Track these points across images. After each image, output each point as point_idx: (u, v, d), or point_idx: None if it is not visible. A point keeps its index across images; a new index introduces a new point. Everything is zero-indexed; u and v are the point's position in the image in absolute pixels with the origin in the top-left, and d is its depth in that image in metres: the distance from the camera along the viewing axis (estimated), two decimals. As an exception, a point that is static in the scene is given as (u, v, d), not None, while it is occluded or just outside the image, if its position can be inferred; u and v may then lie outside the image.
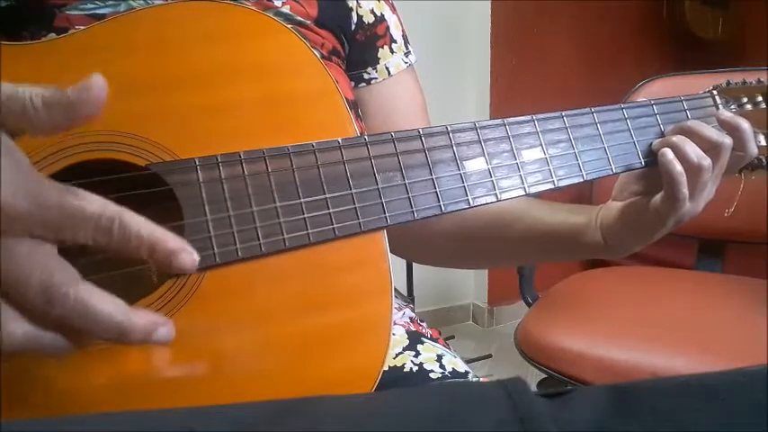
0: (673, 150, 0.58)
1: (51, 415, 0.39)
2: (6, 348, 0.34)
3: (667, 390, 0.31)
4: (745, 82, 0.67)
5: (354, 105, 0.68)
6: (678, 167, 0.57)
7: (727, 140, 0.59)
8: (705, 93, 0.66)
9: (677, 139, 0.59)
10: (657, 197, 0.60)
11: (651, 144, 0.61)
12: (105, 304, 0.35)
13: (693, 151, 0.57)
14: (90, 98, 0.36)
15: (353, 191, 0.48)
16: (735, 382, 0.30)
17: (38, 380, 0.40)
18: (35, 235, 0.34)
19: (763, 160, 0.64)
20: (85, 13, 0.54)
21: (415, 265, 2.01)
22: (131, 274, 0.44)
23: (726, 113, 0.62)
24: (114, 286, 0.40)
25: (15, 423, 0.31)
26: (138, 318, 0.36)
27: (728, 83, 0.67)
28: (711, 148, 0.58)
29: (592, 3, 2.48)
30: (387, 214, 0.49)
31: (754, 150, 0.62)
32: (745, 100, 0.66)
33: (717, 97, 0.66)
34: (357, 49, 0.69)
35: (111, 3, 0.55)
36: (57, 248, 0.35)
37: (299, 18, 0.62)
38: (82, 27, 0.47)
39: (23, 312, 0.35)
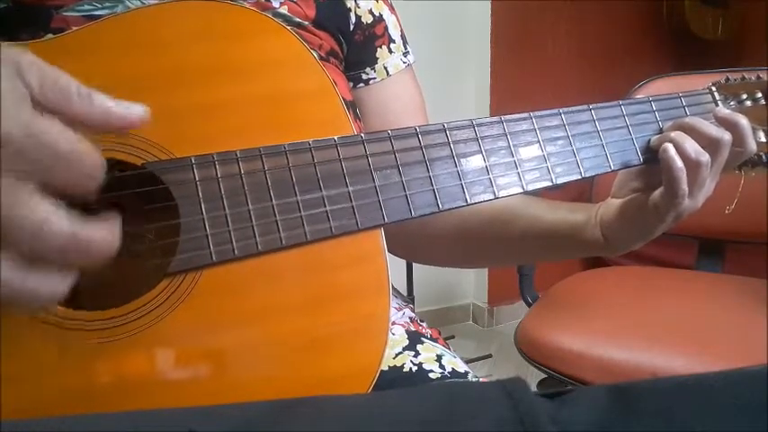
0: (666, 143, 0.58)
1: (51, 415, 0.39)
2: None
3: (667, 390, 0.31)
4: (744, 78, 0.67)
5: (352, 105, 0.67)
6: (678, 163, 0.57)
7: (726, 136, 0.59)
8: (704, 90, 0.66)
9: (675, 134, 0.59)
10: (657, 193, 0.60)
11: (649, 141, 0.60)
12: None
13: (692, 147, 0.57)
14: (128, 118, 0.37)
15: (350, 189, 0.48)
16: (734, 382, 0.30)
17: (39, 379, 0.40)
18: (17, 172, 0.32)
19: (763, 157, 0.64)
20: (83, 14, 0.54)
21: (415, 264, 2.01)
22: (126, 274, 0.44)
23: (723, 110, 0.62)
24: (109, 286, 0.40)
25: (15, 423, 0.31)
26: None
27: (727, 79, 0.66)
28: (710, 144, 0.58)
29: (592, 3, 2.48)
30: (384, 212, 0.48)
31: (752, 146, 0.61)
32: (744, 96, 0.66)
33: (716, 94, 0.65)
34: (355, 49, 0.69)
35: (108, 4, 0.55)
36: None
37: (296, 19, 0.62)
38: None
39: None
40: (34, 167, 0.32)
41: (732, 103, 0.65)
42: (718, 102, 0.65)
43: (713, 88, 0.66)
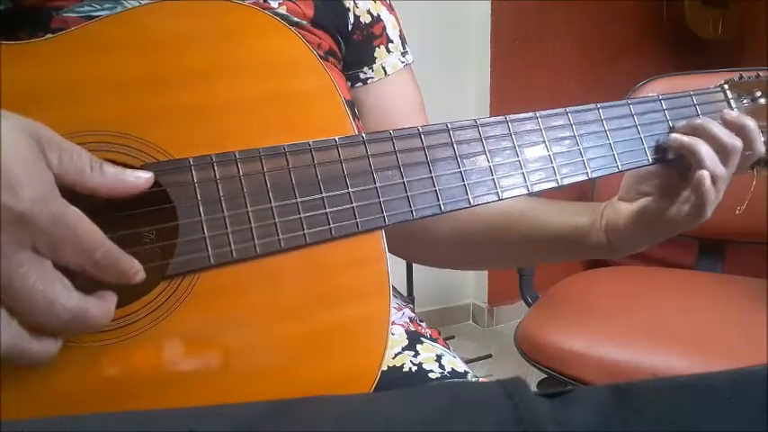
0: (688, 154, 0.58)
1: (51, 415, 0.39)
2: None
3: (667, 390, 0.31)
4: (759, 75, 0.65)
5: (351, 105, 0.67)
6: (713, 196, 0.57)
7: (738, 143, 0.58)
8: (716, 88, 0.64)
9: (691, 140, 0.58)
10: (676, 209, 0.59)
11: (659, 141, 0.59)
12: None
13: (710, 161, 0.57)
14: (138, 185, 0.41)
15: (351, 190, 0.48)
16: (735, 382, 0.30)
17: (38, 379, 0.40)
18: (36, 249, 0.36)
19: None
20: (82, 15, 0.54)
21: (415, 265, 2.00)
22: None
23: (731, 113, 0.61)
24: (108, 287, 0.40)
25: (15, 423, 0.31)
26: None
27: (741, 77, 0.65)
28: (722, 150, 0.58)
29: (592, 3, 2.48)
30: (385, 214, 0.48)
31: (761, 149, 0.61)
32: (758, 94, 0.64)
33: (728, 92, 0.64)
34: (353, 48, 0.69)
35: (107, 5, 0.55)
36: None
37: (295, 19, 0.61)
38: None
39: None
40: (56, 251, 0.37)
41: (745, 101, 0.64)
42: (731, 100, 0.64)
43: (726, 86, 0.65)
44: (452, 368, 0.61)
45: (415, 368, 0.60)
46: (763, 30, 2.46)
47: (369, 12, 0.69)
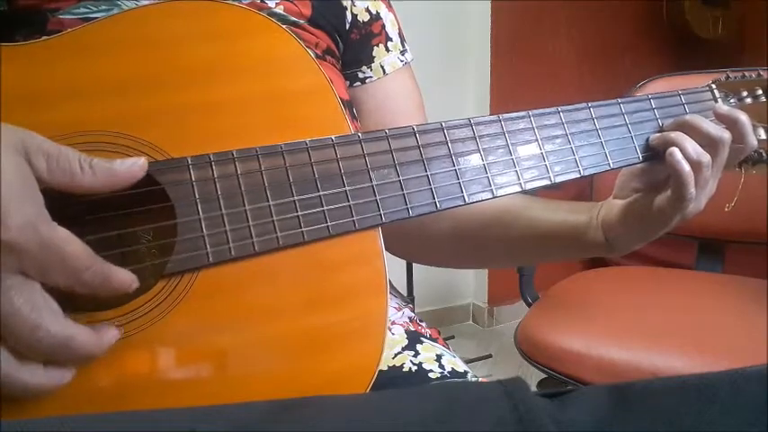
0: (671, 147, 0.58)
1: (50, 413, 0.39)
2: None
3: (667, 390, 0.31)
4: (744, 75, 0.67)
5: (349, 105, 0.67)
6: (686, 167, 0.56)
7: (726, 135, 0.58)
8: (704, 87, 0.65)
9: (675, 135, 0.58)
10: (662, 197, 0.59)
11: (648, 139, 0.60)
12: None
13: (692, 148, 0.57)
14: (132, 174, 0.41)
15: (347, 188, 0.48)
16: (735, 382, 0.30)
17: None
18: (25, 272, 0.36)
19: (764, 154, 0.64)
20: (78, 16, 0.54)
21: (415, 264, 2.00)
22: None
23: (723, 107, 0.62)
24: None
25: (15, 423, 0.31)
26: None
27: (728, 77, 0.66)
28: (710, 143, 0.58)
29: (592, 3, 2.48)
30: (381, 212, 0.48)
31: (753, 143, 0.61)
32: (744, 93, 0.65)
33: (716, 91, 0.65)
34: (352, 47, 0.69)
35: (103, 7, 0.55)
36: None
37: (292, 18, 0.61)
38: None
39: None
40: (44, 275, 0.37)
41: (732, 100, 0.65)
42: (718, 99, 0.65)
43: (713, 86, 0.66)
44: (452, 368, 0.61)
45: (415, 368, 0.60)
46: (763, 30, 2.46)
47: (367, 10, 0.69)
